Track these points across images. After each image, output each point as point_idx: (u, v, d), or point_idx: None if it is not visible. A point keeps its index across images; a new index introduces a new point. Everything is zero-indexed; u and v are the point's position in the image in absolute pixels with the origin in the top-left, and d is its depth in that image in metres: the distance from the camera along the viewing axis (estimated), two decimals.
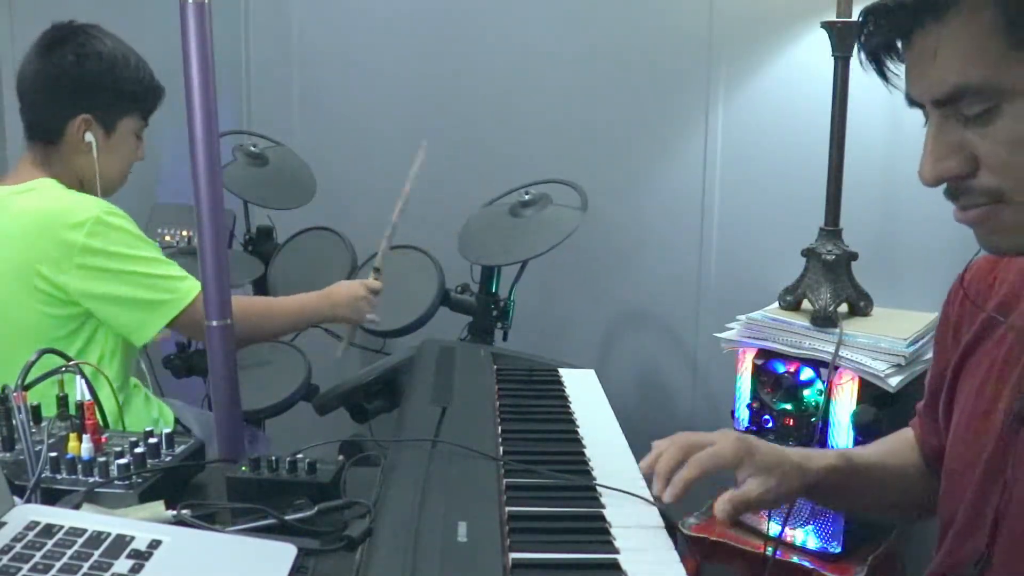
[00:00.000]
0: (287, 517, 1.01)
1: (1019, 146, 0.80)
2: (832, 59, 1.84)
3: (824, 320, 1.82)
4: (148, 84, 1.71)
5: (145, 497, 1.06)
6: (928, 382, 1.17)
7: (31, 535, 0.90)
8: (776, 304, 1.96)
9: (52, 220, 1.54)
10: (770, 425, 1.85)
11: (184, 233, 2.35)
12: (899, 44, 0.85)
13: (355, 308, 1.84)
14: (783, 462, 1.06)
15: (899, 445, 1.22)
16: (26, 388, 1.11)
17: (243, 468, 1.09)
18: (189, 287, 1.60)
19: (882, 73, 0.88)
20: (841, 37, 1.81)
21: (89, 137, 1.65)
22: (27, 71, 1.65)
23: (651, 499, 1.15)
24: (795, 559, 1.78)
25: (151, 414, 1.75)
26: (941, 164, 0.84)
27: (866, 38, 0.86)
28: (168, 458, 1.15)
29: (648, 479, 1.11)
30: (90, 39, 1.65)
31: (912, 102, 0.87)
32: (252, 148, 2.33)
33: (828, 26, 1.82)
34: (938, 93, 0.82)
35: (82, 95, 1.63)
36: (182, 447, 1.18)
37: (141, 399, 1.77)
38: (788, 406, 1.83)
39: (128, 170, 1.77)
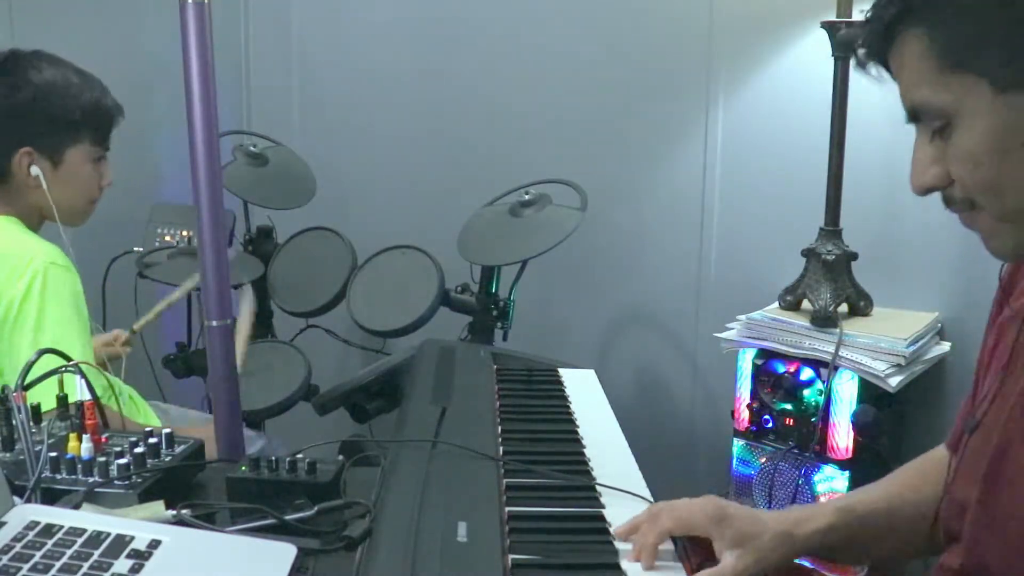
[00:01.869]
0: (287, 517, 1.01)
1: (975, 161, 0.82)
2: (832, 59, 1.84)
3: (824, 320, 1.82)
4: (92, 109, 1.61)
5: (145, 497, 1.06)
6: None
7: (31, 535, 0.90)
8: (776, 304, 1.96)
9: None
10: (770, 425, 1.85)
11: (184, 233, 2.35)
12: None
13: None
14: (762, 533, 0.99)
15: (923, 473, 1.10)
16: (26, 388, 1.11)
17: (243, 468, 1.09)
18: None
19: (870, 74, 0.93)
20: (841, 37, 1.81)
21: (35, 171, 1.57)
22: None
23: (651, 499, 1.15)
24: (795, 559, 1.78)
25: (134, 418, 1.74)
26: (922, 175, 0.89)
27: (856, 53, 0.92)
28: (168, 458, 1.15)
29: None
30: (27, 68, 1.56)
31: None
32: (252, 148, 2.33)
33: (828, 26, 1.82)
34: (905, 108, 0.88)
35: (17, 128, 1.55)
36: (182, 447, 1.18)
37: (127, 403, 1.75)
38: (788, 406, 1.83)
39: (95, 198, 1.69)
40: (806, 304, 1.90)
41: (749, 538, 0.99)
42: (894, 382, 1.72)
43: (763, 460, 1.87)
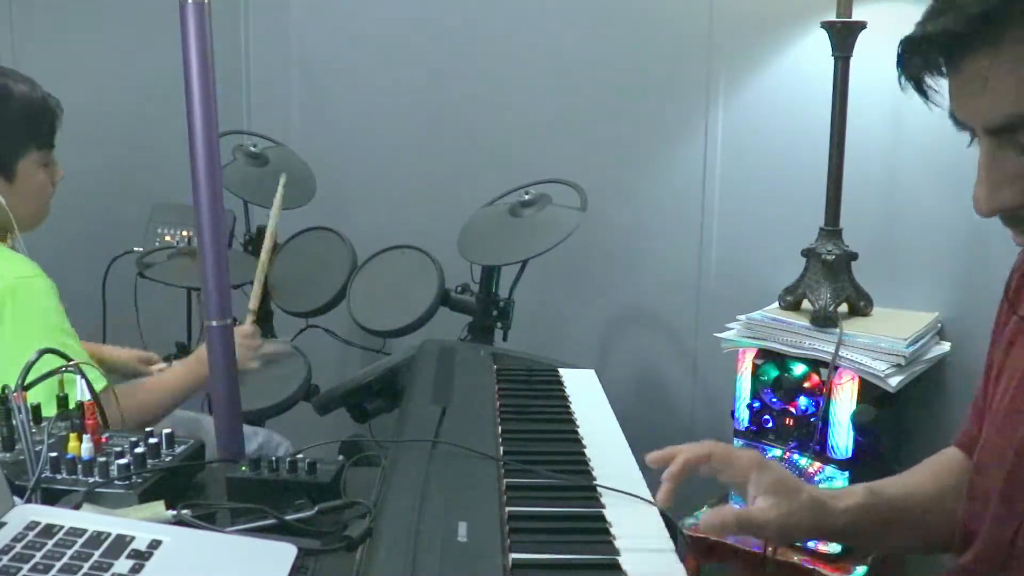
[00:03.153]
0: (287, 517, 1.01)
1: None
2: (832, 59, 1.84)
3: (824, 320, 1.82)
4: (36, 114, 1.57)
5: (145, 497, 1.06)
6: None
7: (31, 535, 0.90)
8: (776, 304, 1.96)
9: None
10: (770, 425, 1.85)
11: (184, 233, 2.35)
12: (942, 65, 0.80)
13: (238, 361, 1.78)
14: (798, 491, 0.97)
15: (939, 467, 1.11)
16: (26, 388, 1.11)
17: (243, 468, 1.09)
18: (95, 378, 1.52)
19: (922, 92, 0.82)
20: (841, 37, 1.81)
21: None
22: None
23: (651, 499, 1.15)
24: (795, 558, 1.78)
25: None
26: (997, 195, 0.80)
27: (906, 63, 0.82)
28: (168, 458, 1.15)
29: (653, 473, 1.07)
30: None
31: (958, 123, 0.82)
32: (252, 148, 2.33)
33: (828, 26, 1.82)
34: (990, 122, 0.78)
35: None
36: (182, 447, 1.18)
37: None
38: (788, 406, 1.83)
39: (48, 199, 1.65)
40: (806, 304, 1.90)
41: (786, 490, 0.97)
42: (894, 382, 1.72)
43: None
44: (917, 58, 0.80)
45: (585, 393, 1.61)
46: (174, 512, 1.01)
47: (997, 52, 0.75)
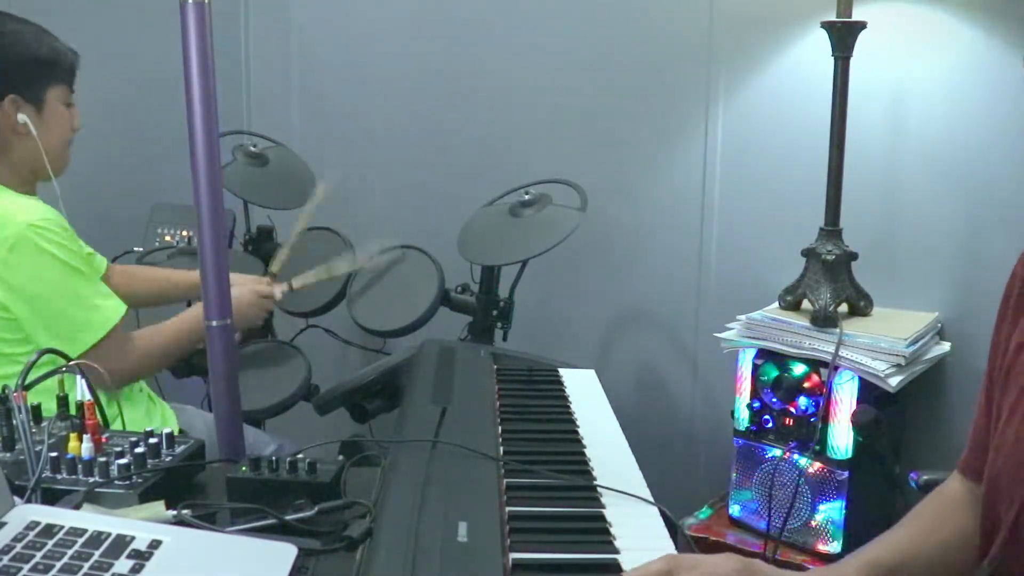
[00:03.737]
0: (287, 517, 1.01)
1: None
2: (832, 59, 1.84)
3: (824, 320, 1.82)
4: (59, 49, 1.67)
5: (145, 497, 1.06)
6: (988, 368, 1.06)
7: (31, 535, 0.90)
8: (776, 304, 1.96)
9: None
10: (770, 425, 1.85)
11: (184, 233, 2.35)
12: None
13: (246, 317, 1.86)
14: None
15: (934, 515, 1.06)
16: (26, 388, 1.11)
17: (243, 468, 1.09)
18: (114, 307, 1.60)
19: None
20: (841, 37, 1.81)
21: (22, 117, 1.61)
22: None
23: (651, 499, 1.15)
24: (796, 559, 1.78)
25: (154, 417, 1.75)
26: None
27: None
28: (168, 458, 1.15)
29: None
30: None
31: None
32: (252, 148, 2.33)
33: (828, 26, 1.82)
34: None
35: (1, 76, 1.60)
36: (182, 447, 1.18)
37: (144, 401, 1.77)
38: (788, 406, 1.83)
39: (69, 141, 1.72)
40: (806, 304, 1.90)
41: None
42: (894, 382, 1.72)
43: (763, 460, 1.87)
44: None
45: (585, 393, 1.61)
46: (174, 512, 1.01)
47: None
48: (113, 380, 1.45)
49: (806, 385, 1.81)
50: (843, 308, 1.88)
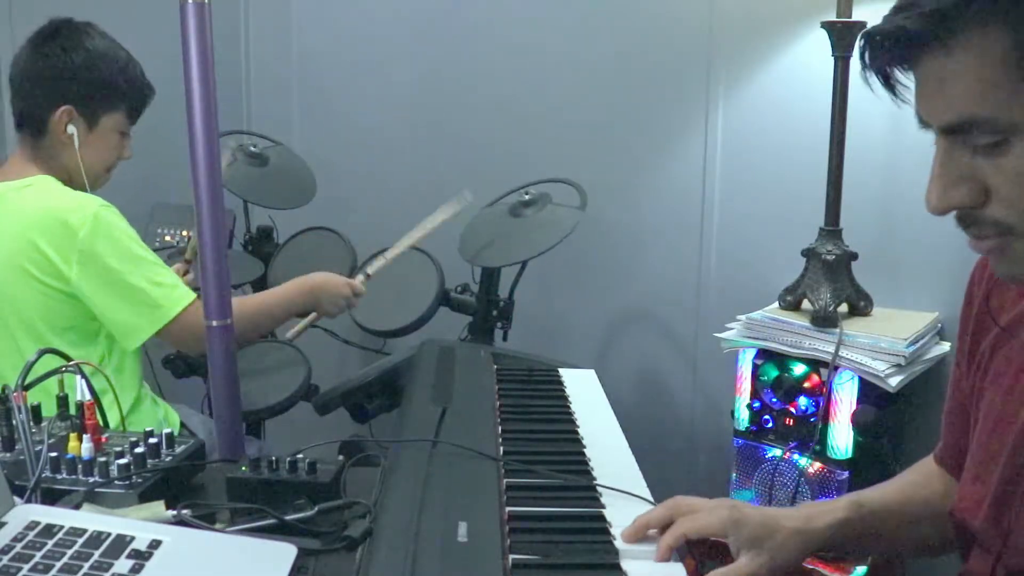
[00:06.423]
0: (287, 517, 1.01)
1: None
2: (832, 59, 1.84)
3: (824, 320, 1.82)
4: (135, 82, 1.72)
5: (145, 497, 1.06)
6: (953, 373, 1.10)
7: (31, 535, 0.90)
8: (776, 304, 1.96)
9: (53, 218, 1.56)
10: (770, 425, 1.85)
11: (184, 233, 2.35)
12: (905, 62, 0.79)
13: (335, 306, 1.87)
14: (775, 533, 1.00)
15: (923, 476, 1.13)
16: (26, 388, 1.11)
17: (243, 468, 1.09)
18: (181, 295, 1.61)
19: (891, 88, 0.82)
20: (841, 37, 1.81)
21: (71, 129, 1.66)
22: (18, 61, 1.69)
23: (651, 499, 1.15)
24: (810, 554, 1.78)
25: (157, 417, 1.75)
26: (949, 193, 0.80)
27: (870, 60, 0.81)
28: (168, 458, 1.15)
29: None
30: (81, 34, 1.67)
31: (921, 121, 0.82)
32: (252, 148, 2.33)
33: (828, 26, 1.82)
34: (945, 121, 0.78)
35: (65, 86, 1.65)
36: (182, 447, 1.18)
37: (148, 401, 1.77)
38: (788, 406, 1.83)
39: (112, 166, 1.77)
40: (806, 304, 1.90)
41: (764, 537, 1.00)
42: (894, 382, 1.72)
43: (763, 460, 1.87)
44: (879, 60, 0.80)
45: (585, 393, 1.61)
46: (174, 512, 1.01)
47: (950, 55, 0.74)
48: (200, 348, 1.49)
49: (806, 385, 1.81)
50: (843, 308, 1.88)
